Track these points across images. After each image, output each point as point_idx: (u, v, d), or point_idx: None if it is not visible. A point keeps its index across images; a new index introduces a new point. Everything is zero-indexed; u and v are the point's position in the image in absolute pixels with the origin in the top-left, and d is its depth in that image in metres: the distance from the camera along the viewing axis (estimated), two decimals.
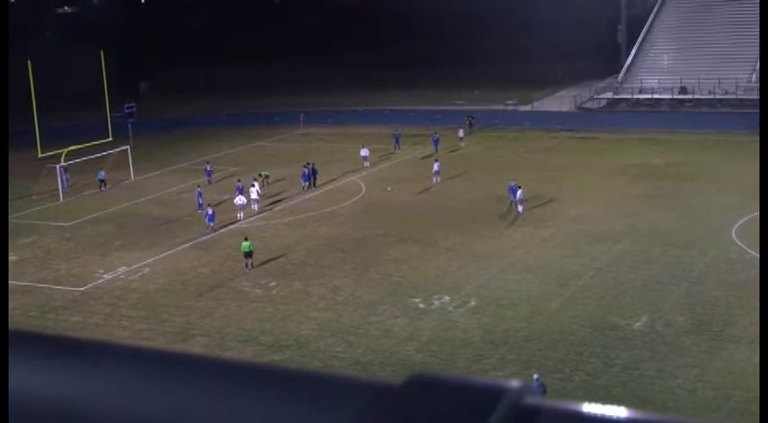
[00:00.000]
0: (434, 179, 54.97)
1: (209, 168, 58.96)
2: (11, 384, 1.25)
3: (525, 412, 1.08)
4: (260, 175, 54.49)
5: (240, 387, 1.19)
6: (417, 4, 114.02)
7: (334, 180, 57.09)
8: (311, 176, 55.53)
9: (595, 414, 1.08)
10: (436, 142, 64.51)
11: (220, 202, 51.44)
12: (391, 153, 64.56)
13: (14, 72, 62.96)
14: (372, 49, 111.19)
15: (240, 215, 48.97)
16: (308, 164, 56.61)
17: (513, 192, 47.57)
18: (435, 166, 55.58)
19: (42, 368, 1.28)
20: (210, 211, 47.30)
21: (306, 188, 55.01)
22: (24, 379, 1.26)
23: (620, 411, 1.08)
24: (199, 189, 51.87)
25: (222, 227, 47.58)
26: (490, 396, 1.08)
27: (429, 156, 61.66)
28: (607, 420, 1.07)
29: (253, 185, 51.49)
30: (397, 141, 65.97)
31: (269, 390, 1.19)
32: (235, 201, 49.45)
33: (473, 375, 1.11)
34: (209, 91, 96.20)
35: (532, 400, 1.09)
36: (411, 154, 64.41)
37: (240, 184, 51.70)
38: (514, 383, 1.11)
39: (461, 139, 66.92)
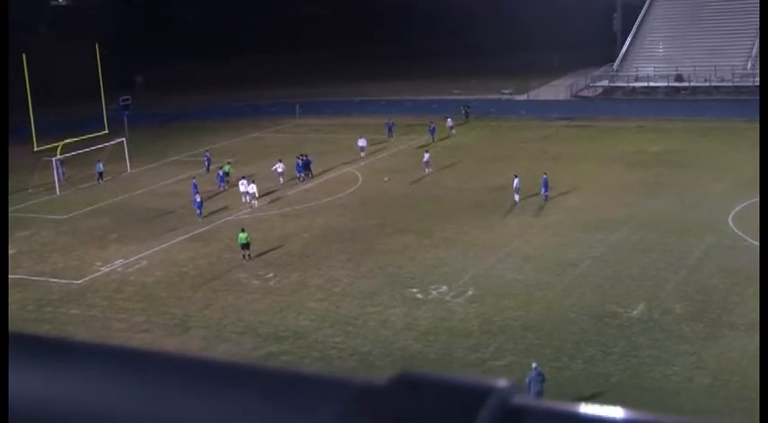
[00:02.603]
0: (426, 170, 54.84)
1: (208, 156, 59.47)
2: (10, 385, 1.24)
3: (513, 412, 1.07)
4: (220, 168, 54.53)
5: (226, 388, 1.19)
6: None
7: (330, 170, 57.08)
8: (306, 167, 55.46)
9: (583, 414, 1.07)
10: (433, 131, 64.60)
11: (218, 193, 51.80)
12: (384, 142, 64.56)
13: (10, 66, 62.89)
14: (368, 41, 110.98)
15: (252, 203, 49.09)
16: (302, 155, 56.58)
17: (546, 184, 47.30)
18: (426, 157, 55.47)
19: (40, 370, 1.28)
20: (199, 199, 47.68)
21: (302, 179, 54.99)
22: (22, 381, 1.25)
23: (607, 411, 1.07)
24: (194, 181, 51.88)
25: (213, 212, 47.68)
26: (477, 395, 1.07)
27: (425, 145, 61.67)
28: (594, 420, 1.06)
29: (246, 181, 51.46)
30: (390, 130, 66.04)
31: (254, 390, 1.18)
32: (242, 191, 49.68)
33: (460, 374, 1.11)
34: (204, 83, 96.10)
35: (520, 399, 1.09)
36: (407, 143, 64.40)
37: (221, 172, 53.61)
38: (502, 383, 1.10)
39: (451, 128, 66.83)
